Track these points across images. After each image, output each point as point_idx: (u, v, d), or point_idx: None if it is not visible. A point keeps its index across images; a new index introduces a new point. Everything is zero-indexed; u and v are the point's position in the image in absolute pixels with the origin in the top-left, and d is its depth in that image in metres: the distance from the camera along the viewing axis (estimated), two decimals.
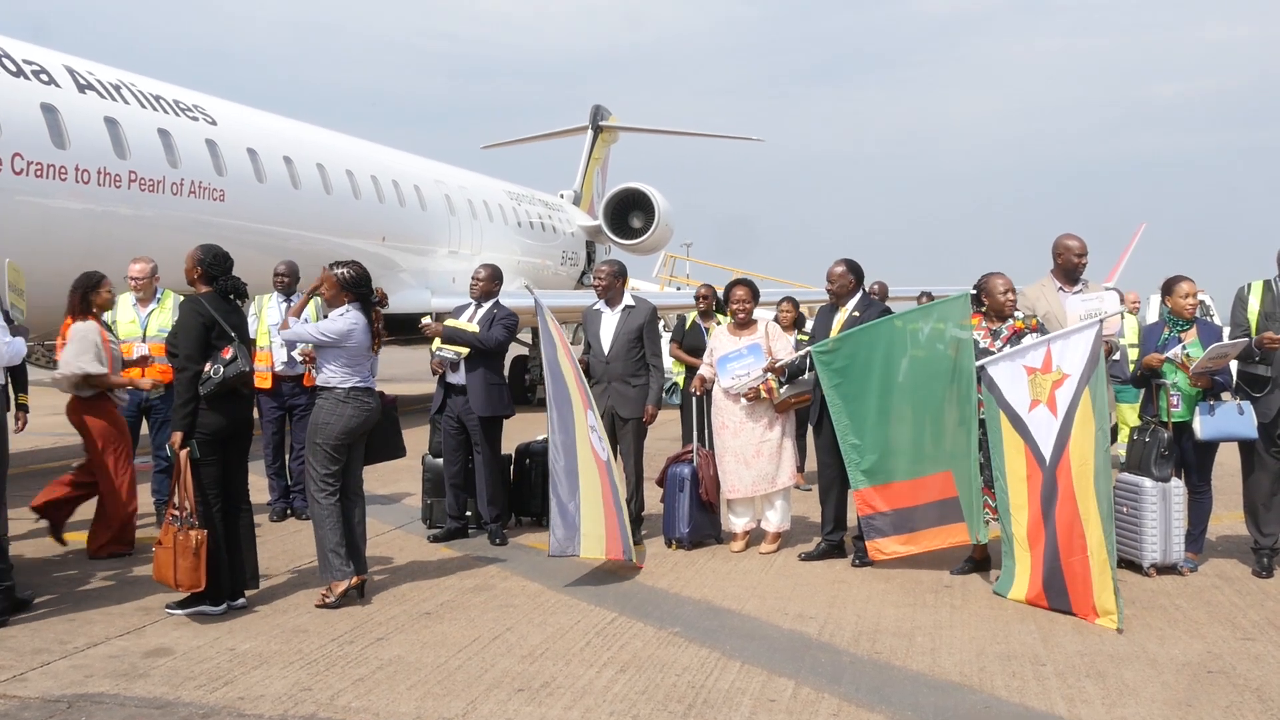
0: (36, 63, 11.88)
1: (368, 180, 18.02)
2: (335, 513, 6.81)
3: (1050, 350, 6.87)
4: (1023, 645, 5.93)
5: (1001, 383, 7.02)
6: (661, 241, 29.92)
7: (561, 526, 7.40)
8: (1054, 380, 6.81)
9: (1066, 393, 6.75)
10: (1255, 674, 5.46)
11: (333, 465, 6.82)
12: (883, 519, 7.45)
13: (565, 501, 7.45)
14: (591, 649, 5.87)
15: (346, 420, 6.82)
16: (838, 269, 8.07)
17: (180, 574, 6.29)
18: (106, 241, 11.58)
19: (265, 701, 5.08)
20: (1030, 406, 6.88)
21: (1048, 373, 6.84)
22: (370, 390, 6.99)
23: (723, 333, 8.59)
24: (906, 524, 7.42)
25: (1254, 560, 7.53)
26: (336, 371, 6.84)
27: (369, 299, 7.02)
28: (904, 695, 5.16)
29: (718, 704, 5.04)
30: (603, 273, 8.88)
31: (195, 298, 6.73)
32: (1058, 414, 6.77)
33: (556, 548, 7.39)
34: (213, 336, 6.56)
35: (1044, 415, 6.83)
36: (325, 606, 6.62)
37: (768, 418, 8.21)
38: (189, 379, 6.47)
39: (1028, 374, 6.91)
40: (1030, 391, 6.89)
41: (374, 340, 6.98)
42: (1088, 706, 5.01)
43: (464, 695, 5.16)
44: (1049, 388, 6.82)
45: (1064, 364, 6.80)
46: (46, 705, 5.04)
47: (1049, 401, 6.80)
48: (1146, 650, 5.83)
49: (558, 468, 7.52)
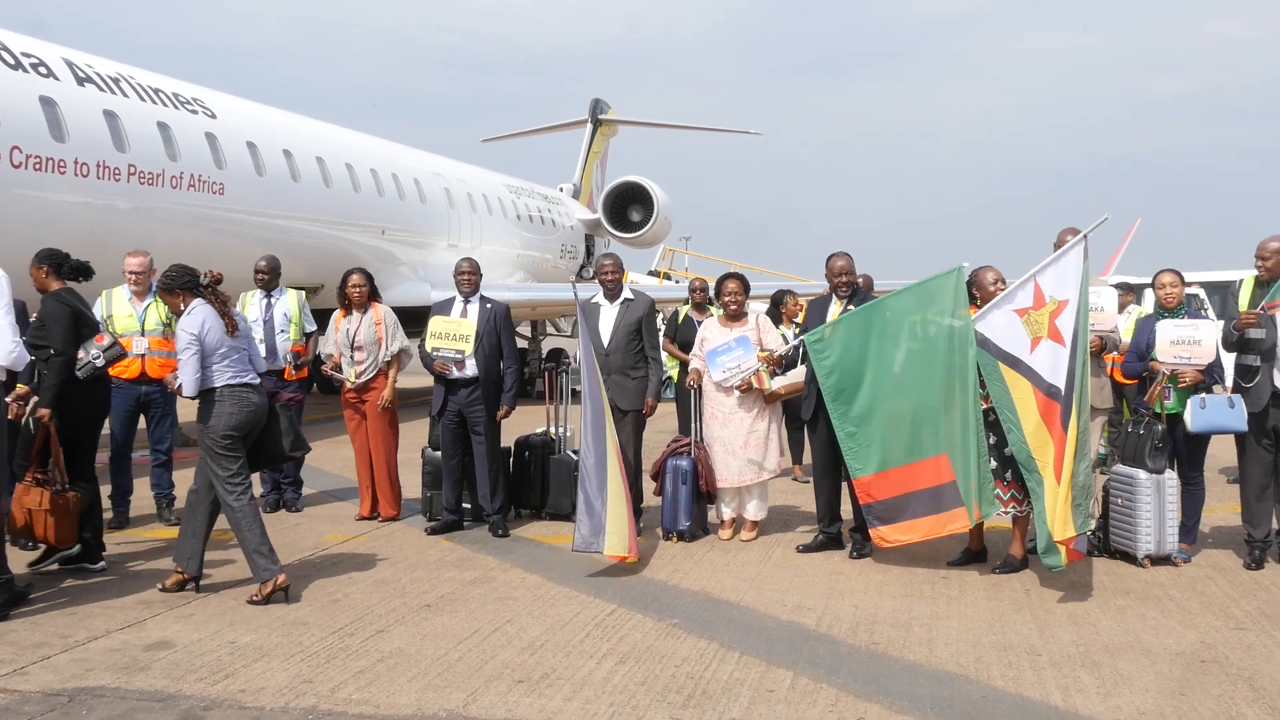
0: (35, 55, 11.86)
1: (367, 173, 18.00)
2: (250, 513, 6.73)
3: (1038, 284, 6.92)
4: (1018, 635, 5.94)
5: (994, 334, 7.06)
6: (660, 235, 29.91)
7: (588, 523, 7.39)
8: (1051, 311, 6.87)
9: (1069, 319, 6.84)
10: (1247, 663, 5.48)
11: (231, 464, 6.71)
12: (882, 507, 7.44)
13: (593, 499, 7.45)
14: (591, 640, 5.88)
15: (225, 418, 6.68)
16: (842, 261, 8.06)
17: (62, 532, 6.93)
18: (106, 234, 11.55)
19: (266, 694, 5.09)
20: (1032, 346, 6.92)
21: (1041, 307, 6.90)
22: (250, 386, 6.83)
23: (713, 325, 8.60)
24: (905, 511, 7.40)
25: (1246, 551, 7.55)
26: (208, 371, 6.69)
27: (200, 286, 6.81)
28: (901, 686, 5.18)
29: (717, 695, 5.05)
30: (611, 266, 8.90)
31: (57, 292, 7.20)
32: (1064, 341, 6.84)
33: (581, 544, 7.40)
34: (81, 325, 7.14)
35: (1048, 349, 6.90)
36: (254, 603, 6.61)
37: (756, 409, 8.24)
38: (62, 364, 6.93)
39: (1020, 316, 6.99)
40: (1028, 331, 6.93)
41: (227, 325, 6.75)
42: (1083, 696, 5.03)
43: (464, 687, 5.17)
44: (1047, 320, 6.87)
45: (1058, 292, 6.87)
46: (48, 699, 5.05)
47: (1050, 333, 6.87)
48: (1141, 640, 5.84)
49: (588, 464, 7.55)
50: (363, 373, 9.03)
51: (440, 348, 8.47)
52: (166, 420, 9.10)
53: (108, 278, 9.17)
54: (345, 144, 18.32)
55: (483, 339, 8.47)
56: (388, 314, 9.17)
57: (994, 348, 7.08)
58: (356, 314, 9.09)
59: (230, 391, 6.71)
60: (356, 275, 9.22)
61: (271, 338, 9.51)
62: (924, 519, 7.36)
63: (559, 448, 9.25)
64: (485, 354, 8.49)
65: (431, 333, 8.52)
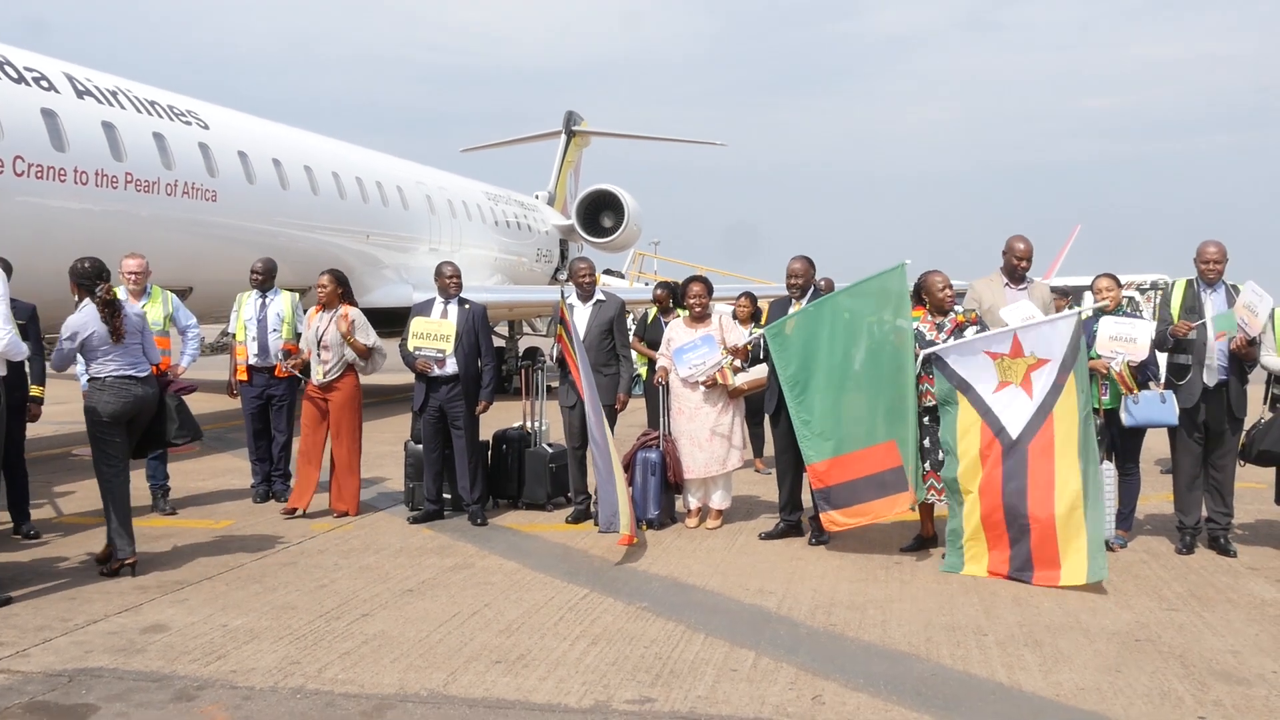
0: (37, 69, 11.75)
1: (353, 181, 17.91)
2: (120, 495, 6.97)
3: (1018, 339, 6.92)
4: (966, 617, 5.98)
5: (960, 367, 7.05)
6: (631, 240, 29.90)
7: (607, 504, 7.76)
8: (1029, 364, 6.87)
9: (1046, 375, 6.83)
10: (1179, 641, 5.54)
11: (108, 446, 6.95)
12: (833, 491, 7.46)
13: (605, 482, 7.77)
14: (565, 623, 5.88)
15: (105, 405, 6.88)
16: (798, 264, 8.10)
17: None
18: (104, 240, 11.43)
19: (256, 674, 5.06)
20: (997, 388, 6.94)
21: (1018, 357, 6.90)
22: (135, 378, 7.00)
23: (679, 325, 8.61)
24: (855, 496, 7.41)
25: (1178, 538, 7.63)
26: (96, 363, 6.93)
27: (94, 292, 7.00)
28: (856, 664, 5.20)
29: (683, 674, 5.06)
30: (586, 270, 8.91)
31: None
32: (1033, 394, 6.84)
33: (605, 524, 7.85)
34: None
35: (1014, 395, 6.89)
36: (104, 575, 6.87)
37: (721, 404, 8.27)
38: None
39: (992, 359, 6.97)
40: (998, 374, 6.94)
41: (112, 331, 6.92)
42: (1026, 673, 5.07)
43: (445, 667, 5.16)
44: (1023, 371, 6.88)
45: (1039, 350, 6.87)
46: (49, 679, 5.01)
47: (1023, 383, 6.87)
48: (1080, 620, 5.90)
49: (596, 452, 7.85)
50: (328, 371, 8.82)
51: (422, 347, 8.44)
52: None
53: None
54: (332, 153, 18.21)
55: (462, 338, 8.46)
56: (357, 315, 8.93)
57: (957, 377, 7.06)
58: (326, 314, 8.92)
59: (115, 381, 6.91)
60: (324, 276, 9.03)
61: (264, 336, 9.46)
62: (872, 502, 7.37)
63: (535, 441, 9.24)
64: (465, 353, 8.48)
65: (413, 333, 8.48)
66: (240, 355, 9.59)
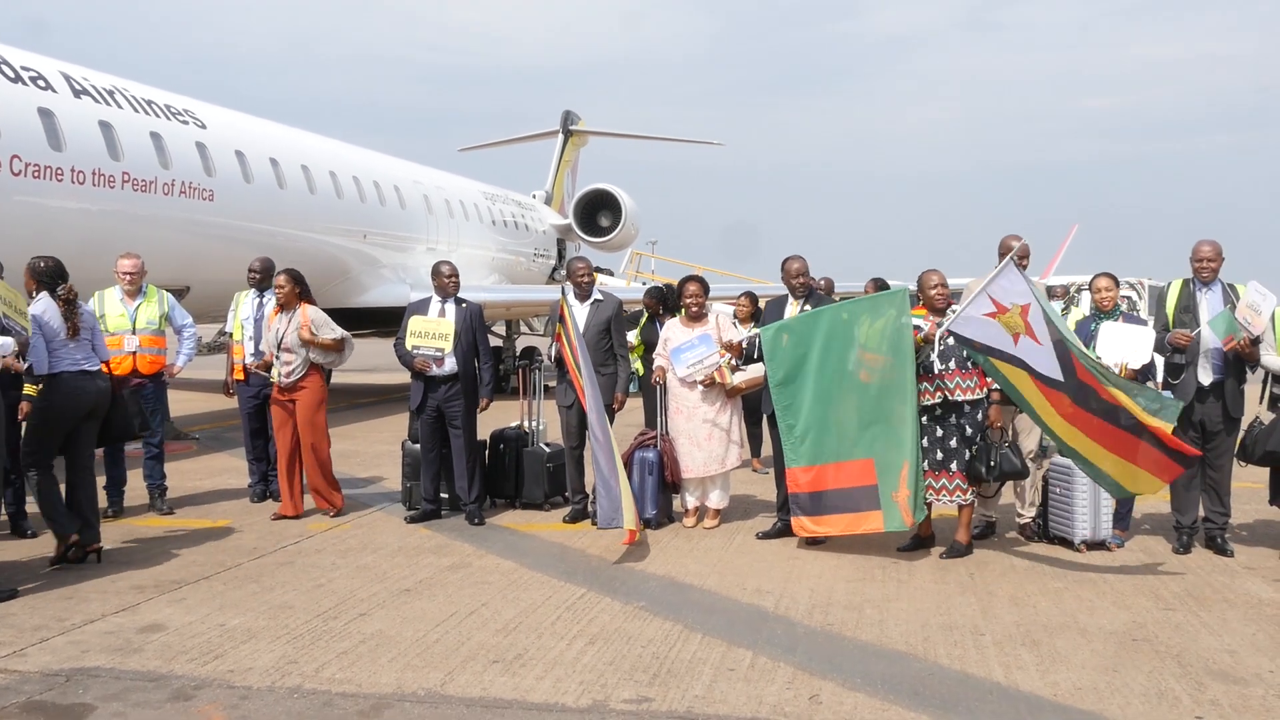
0: (34, 69, 11.73)
1: (350, 181, 17.88)
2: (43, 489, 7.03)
3: (991, 296, 6.84)
4: (963, 617, 5.98)
5: (975, 334, 6.91)
6: (628, 239, 29.88)
7: (607, 501, 7.71)
8: (1019, 310, 6.81)
9: (1038, 315, 6.80)
10: (1175, 641, 5.54)
11: (38, 445, 7.05)
12: (806, 498, 7.48)
13: (608, 478, 7.72)
14: (562, 623, 5.87)
15: (52, 401, 6.97)
16: (799, 264, 8.09)
17: None
18: (101, 239, 11.43)
19: (254, 674, 5.06)
20: (1015, 340, 6.87)
21: (1006, 311, 6.84)
22: (87, 373, 7.13)
23: (676, 325, 8.60)
24: (822, 506, 7.44)
25: (1175, 537, 7.63)
26: (51, 356, 7.00)
27: (56, 290, 7.14)
28: (854, 664, 5.20)
29: (681, 673, 5.05)
30: (584, 269, 8.89)
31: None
32: (1040, 339, 6.79)
33: (604, 521, 7.77)
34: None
35: (1030, 345, 6.83)
36: (54, 564, 7.04)
37: (718, 403, 8.27)
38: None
39: (992, 318, 6.87)
40: (1006, 329, 6.87)
41: (70, 328, 7.05)
42: (1023, 673, 5.07)
43: (442, 667, 5.15)
44: (1020, 318, 6.82)
45: (1015, 298, 6.82)
46: (46, 679, 5.00)
47: (1027, 331, 6.82)
48: (1077, 620, 5.90)
49: (597, 448, 7.81)
50: (290, 373, 8.70)
51: (420, 346, 8.42)
52: (157, 414, 9.02)
53: (101, 279, 9.11)
54: (329, 153, 18.17)
55: (460, 338, 8.45)
56: (316, 314, 8.79)
57: (980, 345, 6.93)
58: (285, 316, 8.80)
59: (69, 376, 7.03)
60: (280, 276, 8.88)
61: (260, 334, 9.45)
62: (840, 516, 7.40)
63: (532, 440, 9.23)
64: (463, 352, 8.47)
65: (411, 331, 8.47)
66: (237, 355, 9.57)
